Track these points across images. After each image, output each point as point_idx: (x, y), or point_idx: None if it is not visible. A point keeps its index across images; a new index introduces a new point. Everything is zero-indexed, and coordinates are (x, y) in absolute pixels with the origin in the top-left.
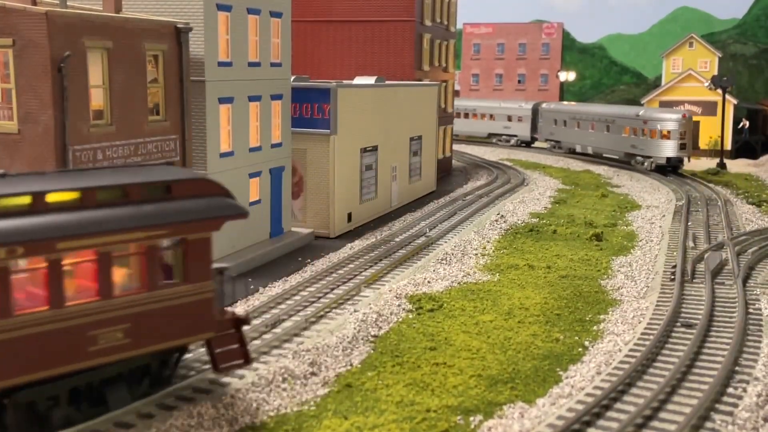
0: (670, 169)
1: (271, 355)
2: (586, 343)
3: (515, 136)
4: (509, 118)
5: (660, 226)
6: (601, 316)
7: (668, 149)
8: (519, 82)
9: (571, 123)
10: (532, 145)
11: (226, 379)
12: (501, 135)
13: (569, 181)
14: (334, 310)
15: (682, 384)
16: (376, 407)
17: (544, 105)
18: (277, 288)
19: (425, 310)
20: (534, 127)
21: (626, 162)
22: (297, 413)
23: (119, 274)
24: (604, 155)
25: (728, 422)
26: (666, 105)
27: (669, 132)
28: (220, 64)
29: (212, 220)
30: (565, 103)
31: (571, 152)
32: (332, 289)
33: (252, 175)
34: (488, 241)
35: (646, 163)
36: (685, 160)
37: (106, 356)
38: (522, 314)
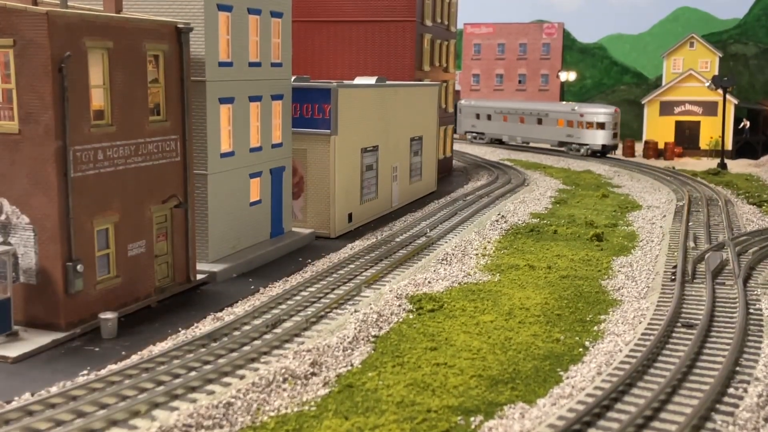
0: (599, 155)
1: (272, 355)
2: (587, 343)
3: None
4: None
5: (661, 227)
6: (602, 317)
7: (602, 138)
8: (519, 82)
9: (497, 117)
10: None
11: (226, 379)
12: None
13: (570, 181)
14: (334, 311)
15: (682, 384)
16: (376, 407)
17: (463, 101)
18: (277, 288)
19: (426, 310)
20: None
21: (559, 149)
22: (297, 413)
23: None
24: (532, 144)
25: (729, 422)
26: (667, 105)
27: (603, 123)
28: (221, 64)
29: None
30: (485, 99)
31: (493, 142)
32: (333, 290)
33: (252, 176)
34: (489, 242)
35: (582, 150)
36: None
37: None
38: (522, 314)
